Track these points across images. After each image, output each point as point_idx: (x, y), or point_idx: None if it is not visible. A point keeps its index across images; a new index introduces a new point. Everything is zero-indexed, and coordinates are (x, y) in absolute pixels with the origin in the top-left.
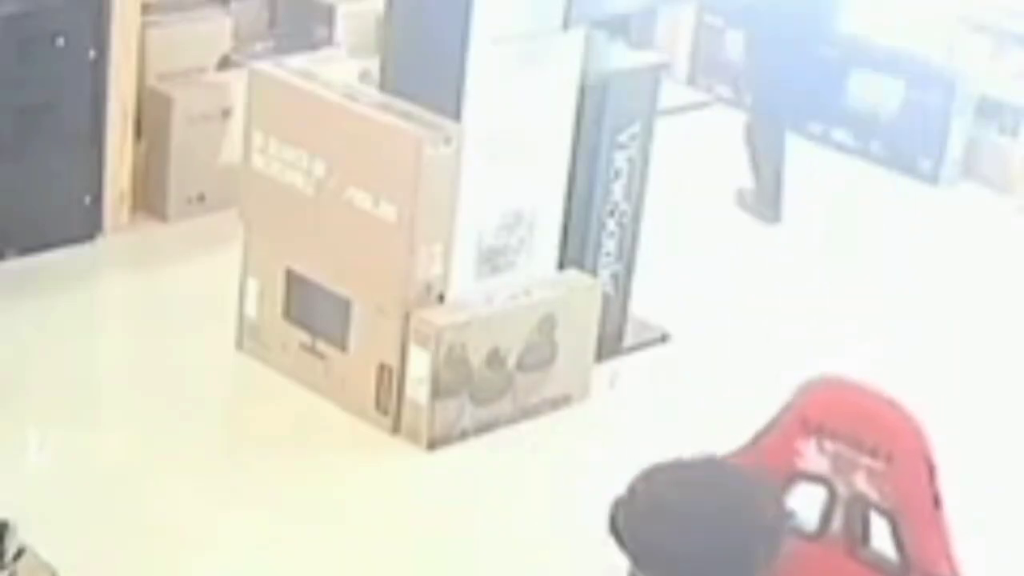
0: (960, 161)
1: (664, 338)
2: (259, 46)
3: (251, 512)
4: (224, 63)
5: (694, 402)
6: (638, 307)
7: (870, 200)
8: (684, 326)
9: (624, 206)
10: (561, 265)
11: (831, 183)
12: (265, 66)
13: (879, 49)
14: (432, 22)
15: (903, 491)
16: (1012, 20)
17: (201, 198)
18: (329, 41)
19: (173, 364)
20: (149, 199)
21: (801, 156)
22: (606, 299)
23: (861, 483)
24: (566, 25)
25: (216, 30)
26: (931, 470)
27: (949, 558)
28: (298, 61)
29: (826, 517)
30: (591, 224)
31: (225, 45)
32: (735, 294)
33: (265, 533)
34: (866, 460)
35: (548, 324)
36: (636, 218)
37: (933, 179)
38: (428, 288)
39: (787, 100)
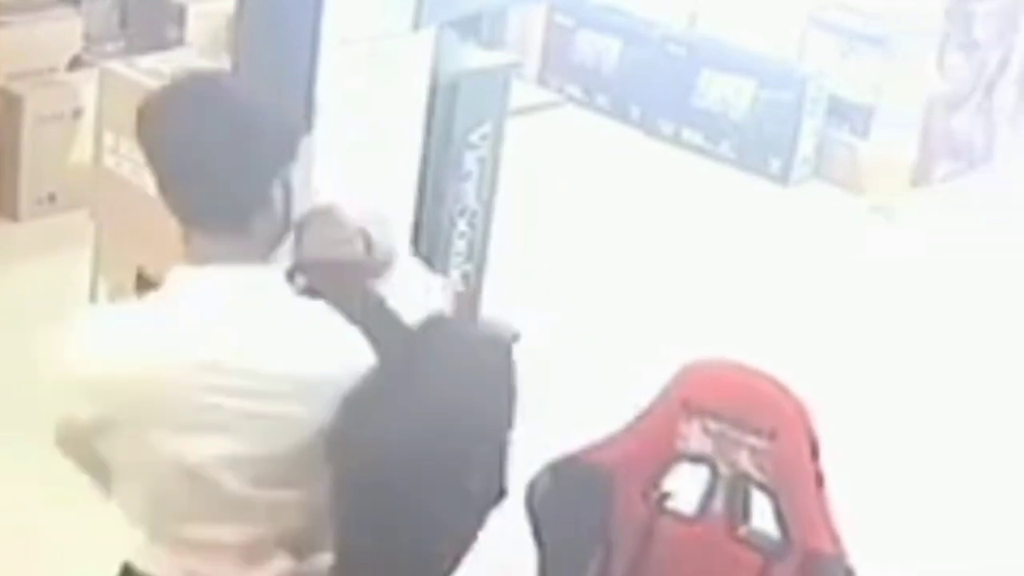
0: (810, 161)
1: (515, 337)
2: (110, 46)
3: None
4: (75, 63)
5: (546, 399)
6: (489, 307)
7: (720, 200)
8: (536, 326)
9: (475, 206)
10: None
11: (681, 184)
12: (116, 66)
13: (729, 48)
14: (282, 23)
15: (786, 468)
16: (862, 20)
17: (52, 198)
18: (180, 41)
19: (24, 364)
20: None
21: (652, 157)
22: (457, 299)
23: (744, 462)
24: (416, 25)
25: (67, 30)
26: (814, 447)
27: (831, 535)
28: (149, 61)
29: (708, 497)
30: (442, 224)
31: (76, 45)
32: (586, 294)
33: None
34: (750, 439)
35: None
36: (487, 218)
37: (783, 179)
38: None
39: None
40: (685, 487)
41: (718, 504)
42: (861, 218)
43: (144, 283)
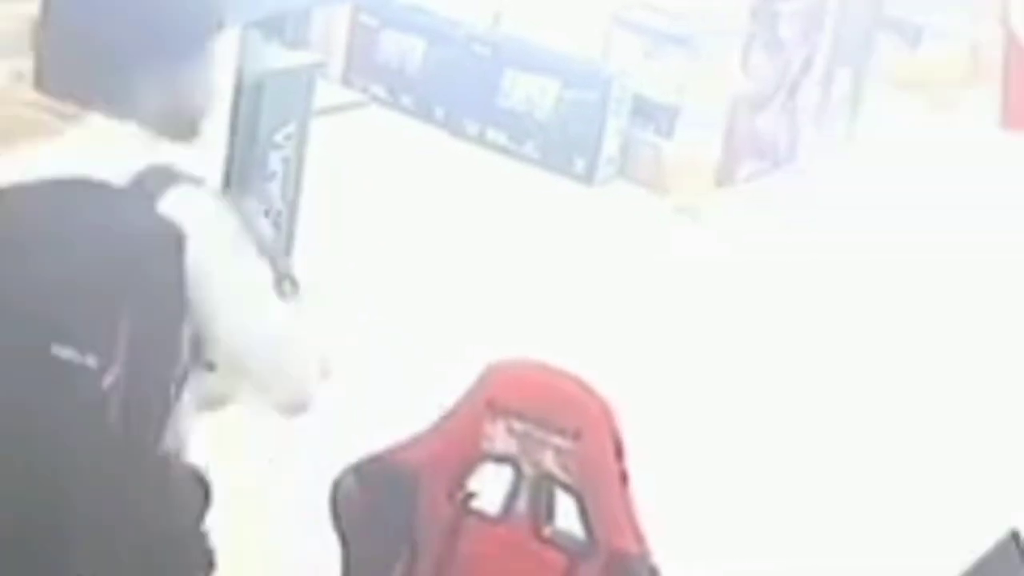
0: (615, 161)
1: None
2: None
3: None
4: None
5: (351, 399)
6: None
7: (525, 201)
8: (341, 326)
9: (280, 206)
10: None
11: (486, 184)
12: None
13: (534, 48)
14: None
15: (590, 468)
16: (667, 20)
17: None
18: None
19: None
20: None
21: (456, 157)
22: None
23: (548, 462)
24: (220, 25)
25: None
26: (618, 447)
27: (636, 535)
28: None
29: (511, 497)
30: None
31: None
32: (392, 294)
33: None
34: (555, 439)
35: None
36: (292, 219)
37: (588, 179)
38: None
39: None
40: (494, 487)
41: (522, 504)
42: (666, 218)
43: None
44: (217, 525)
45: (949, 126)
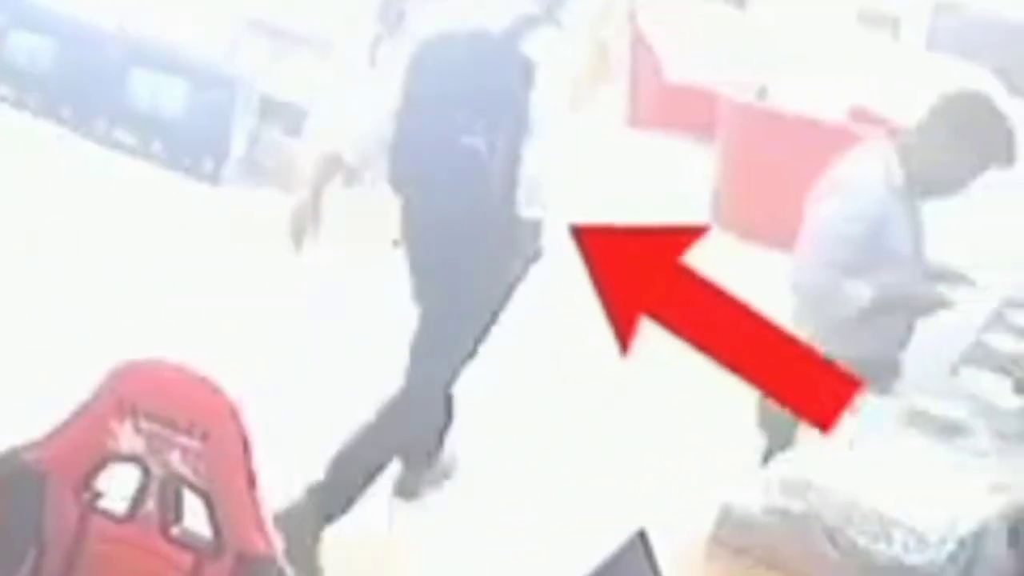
0: (244, 160)
1: None
2: None
3: None
4: None
5: None
6: None
7: (152, 201)
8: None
9: None
10: None
11: (113, 184)
12: None
13: (163, 48)
14: None
15: (217, 469)
16: (296, 22)
17: None
18: None
19: None
20: None
21: (85, 156)
22: None
23: (176, 462)
24: None
25: None
26: (246, 448)
27: (264, 535)
28: None
29: (139, 497)
30: None
31: None
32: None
33: None
34: (182, 439)
35: None
36: None
37: (215, 179)
38: None
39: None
40: (127, 487)
41: (151, 504)
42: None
43: None
44: None
45: (576, 124)
